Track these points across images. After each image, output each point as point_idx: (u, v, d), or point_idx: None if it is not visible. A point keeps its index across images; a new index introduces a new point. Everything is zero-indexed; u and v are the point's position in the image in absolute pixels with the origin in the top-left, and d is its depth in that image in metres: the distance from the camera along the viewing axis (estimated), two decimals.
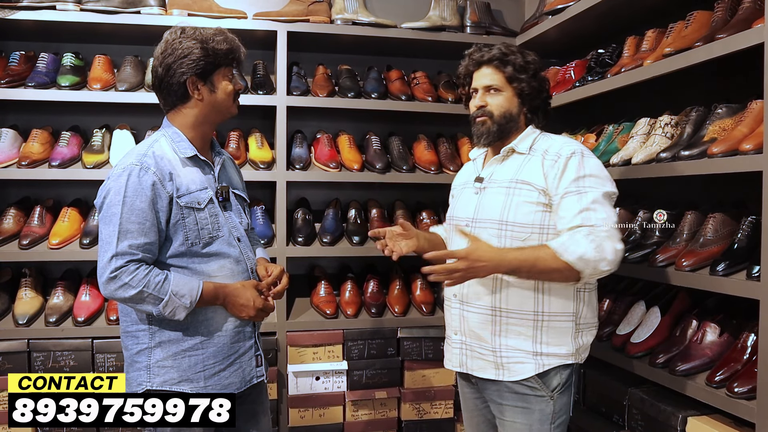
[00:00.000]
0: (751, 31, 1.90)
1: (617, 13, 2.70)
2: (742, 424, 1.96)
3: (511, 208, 1.94)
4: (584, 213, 1.84)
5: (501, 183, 2.01)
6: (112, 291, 1.81)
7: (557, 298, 1.94)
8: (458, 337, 2.07)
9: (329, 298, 3.17)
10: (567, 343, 1.95)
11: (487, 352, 1.99)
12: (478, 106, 2.06)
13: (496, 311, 1.96)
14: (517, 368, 1.94)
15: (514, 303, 1.94)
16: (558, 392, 1.95)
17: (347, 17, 3.14)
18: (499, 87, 2.04)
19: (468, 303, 2.02)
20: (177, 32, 1.93)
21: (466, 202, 2.11)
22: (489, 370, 1.99)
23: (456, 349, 2.09)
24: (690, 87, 2.55)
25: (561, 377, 1.95)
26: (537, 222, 1.92)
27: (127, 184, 1.82)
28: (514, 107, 2.04)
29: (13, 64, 2.95)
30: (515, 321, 1.94)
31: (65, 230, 2.92)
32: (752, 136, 1.95)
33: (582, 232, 1.83)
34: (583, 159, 1.91)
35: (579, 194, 1.87)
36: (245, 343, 2.01)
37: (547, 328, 1.94)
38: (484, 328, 1.98)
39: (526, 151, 2.02)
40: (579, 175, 1.89)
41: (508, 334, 1.95)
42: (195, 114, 1.96)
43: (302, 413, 3.03)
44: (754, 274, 1.90)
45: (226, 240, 1.96)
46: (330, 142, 3.26)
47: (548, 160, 1.94)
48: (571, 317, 1.95)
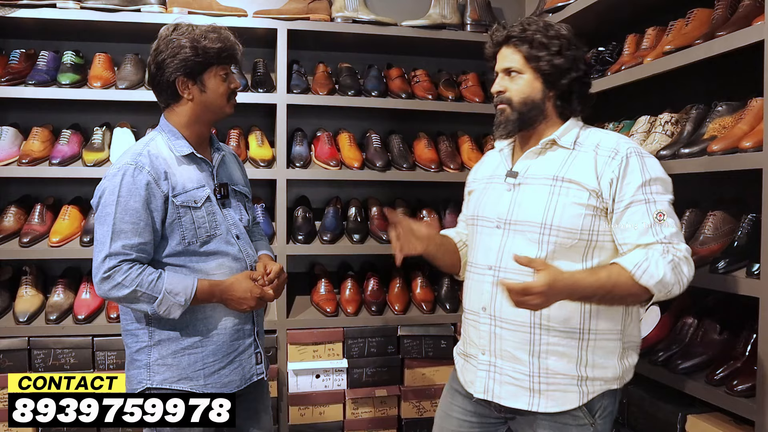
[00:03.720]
0: (751, 28, 1.90)
1: (617, 10, 2.70)
2: (742, 422, 1.96)
3: (555, 210, 1.69)
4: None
5: (541, 180, 1.75)
6: (105, 291, 1.81)
7: (606, 313, 1.71)
8: (486, 357, 1.80)
9: (329, 296, 3.17)
10: (613, 366, 1.73)
11: (522, 377, 1.73)
12: (497, 91, 1.81)
13: (536, 328, 1.71)
14: (557, 396, 1.71)
15: (557, 318, 1.69)
16: (600, 417, 1.74)
17: (347, 15, 3.14)
18: (518, 69, 1.77)
19: (502, 319, 1.75)
20: (170, 29, 1.92)
21: (495, 200, 1.83)
22: (522, 398, 1.74)
23: (482, 372, 1.81)
24: (690, 85, 2.55)
25: (605, 402, 1.74)
26: (586, 227, 1.68)
27: (121, 184, 1.82)
28: (537, 92, 1.77)
29: (14, 62, 2.95)
30: (557, 340, 1.70)
31: (66, 228, 2.92)
32: (752, 133, 1.95)
33: (658, 250, 1.62)
34: (645, 159, 1.69)
35: (647, 203, 1.65)
36: (245, 340, 2.01)
37: (594, 348, 1.71)
38: (521, 348, 1.72)
39: (571, 145, 1.76)
40: (645, 179, 1.66)
41: (548, 356, 1.71)
42: (187, 113, 1.95)
43: (302, 411, 3.04)
44: (753, 272, 1.90)
45: (224, 238, 1.96)
46: (330, 140, 3.26)
47: (602, 156, 1.70)
48: (618, 335, 1.73)
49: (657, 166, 1.72)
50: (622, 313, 1.74)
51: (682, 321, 2.28)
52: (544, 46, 1.74)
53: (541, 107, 1.79)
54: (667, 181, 1.72)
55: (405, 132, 3.41)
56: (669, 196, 1.70)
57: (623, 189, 1.67)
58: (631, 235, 1.66)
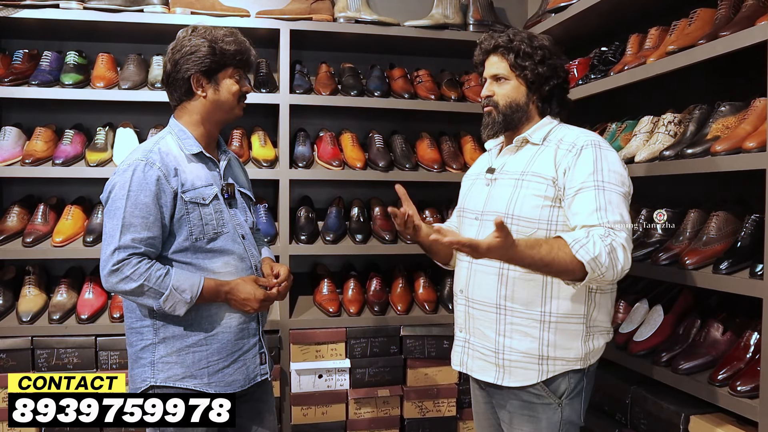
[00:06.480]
0: (754, 28, 1.90)
1: (620, 10, 2.69)
2: (745, 423, 1.95)
3: (517, 201, 1.85)
4: (602, 211, 1.73)
5: (512, 174, 1.92)
6: (113, 284, 1.82)
7: (566, 298, 1.83)
8: (462, 334, 2.01)
9: (332, 296, 3.17)
10: (576, 347, 1.84)
11: (489, 353, 1.91)
12: (485, 95, 1.99)
13: (501, 309, 1.87)
14: (518, 373, 1.86)
15: (520, 301, 1.85)
16: (567, 398, 1.86)
17: (350, 15, 3.14)
18: (504, 76, 1.95)
19: (474, 300, 1.94)
20: (189, 30, 1.97)
21: (477, 194, 2.03)
22: (489, 372, 1.91)
23: (458, 347, 2.03)
24: (693, 85, 2.54)
25: (570, 382, 1.86)
26: (544, 218, 1.82)
27: (131, 179, 1.84)
28: (521, 96, 1.95)
29: (17, 63, 2.96)
30: (520, 320, 1.85)
31: (68, 228, 2.92)
32: (755, 134, 1.94)
33: (599, 232, 1.70)
34: (602, 151, 1.81)
35: (596, 189, 1.75)
36: (249, 340, 2.01)
37: (555, 329, 1.83)
38: (489, 327, 1.90)
39: (540, 141, 1.92)
40: (597, 168, 1.77)
41: (513, 334, 1.86)
42: (199, 111, 1.98)
43: (305, 411, 3.04)
44: (757, 273, 1.89)
45: (230, 236, 1.98)
46: (333, 141, 3.26)
47: (562, 149, 1.85)
48: (581, 319, 1.85)
49: (614, 159, 1.82)
50: (585, 299, 1.85)
51: (686, 321, 2.28)
52: (528, 55, 1.93)
53: (525, 110, 1.96)
54: (623, 175, 1.82)
55: (408, 132, 3.41)
56: (622, 189, 1.79)
57: (575, 176, 1.79)
58: (578, 218, 1.76)
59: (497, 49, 1.96)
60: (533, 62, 1.92)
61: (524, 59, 1.92)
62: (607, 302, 1.91)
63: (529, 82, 1.94)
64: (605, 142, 1.86)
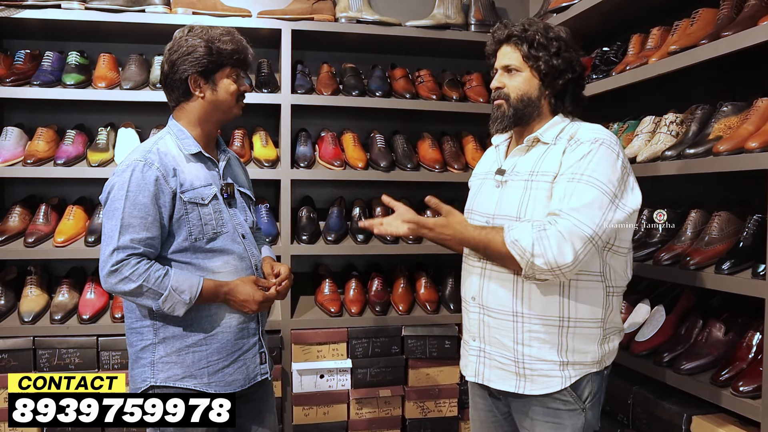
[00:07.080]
0: (757, 28, 1.89)
1: (622, 10, 2.69)
2: (747, 424, 1.95)
3: (528, 205, 1.77)
4: (565, 199, 1.67)
5: (521, 176, 1.83)
6: (112, 284, 1.82)
7: (585, 302, 1.76)
8: (476, 343, 1.90)
9: (333, 296, 3.17)
10: (593, 351, 1.79)
11: (508, 362, 1.81)
12: (495, 87, 1.88)
13: (518, 316, 1.78)
14: (541, 381, 1.78)
15: (537, 308, 1.77)
16: (589, 402, 1.80)
17: (351, 15, 3.14)
18: (517, 67, 1.83)
19: (488, 308, 1.85)
20: (185, 30, 1.96)
21: (486, 196, 1.93)
22: (509, 381, 1.82)
23: (473, 357, 1.91)
24: (695, 85, 2.53)
25: (592, 386, 1.81)
26: None
27: (130, 180, 1.84)
28: (534, 90, 1.83)
29: (19, 63, 2.96)
30: (539, 327, 1.77)
31: (70, 228, 2.92)
32: (758, 134, 1.94)
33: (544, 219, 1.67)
34: (599, 148, 1.71)
35: (571, 181, 1.69)
36: (249, 339, 2.01)
37: (574, 334, 1.77)
38: (506, 335, 1.81)
39: (552, 140, 1.82)
40: (583, 161, 1.70)
41: (531, 342, 1.77)
42: (197, 111, 1.98)
43: (306, 411, 3.04)
44: (759, 273, 1.89)
45: (230, 236, 1.97)
46: (334, 141, 3.26)
47: (570, 146, 1.76)
48: (599, 323, 1.79)
49: (607, 158, 1.71)
50: (603, 302, 1.79)
51: (687, 322, 2.27)
52: (543, 46, 1.81)
53: (537, 104, 1.85)
54: (611, 175, 1.69)
55: (409, 132, 3.41)
56: (604, 187, 1.67)
57: (563, 165, 1.74)
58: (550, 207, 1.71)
59: (510, 39, 1.85)
60: (548, 54, 1.81)
61: (538, 50, 1.81)
62: (619, 303, 1.87)
63: (543, 74, 1.82)
64: (612, 142, 1.75)
